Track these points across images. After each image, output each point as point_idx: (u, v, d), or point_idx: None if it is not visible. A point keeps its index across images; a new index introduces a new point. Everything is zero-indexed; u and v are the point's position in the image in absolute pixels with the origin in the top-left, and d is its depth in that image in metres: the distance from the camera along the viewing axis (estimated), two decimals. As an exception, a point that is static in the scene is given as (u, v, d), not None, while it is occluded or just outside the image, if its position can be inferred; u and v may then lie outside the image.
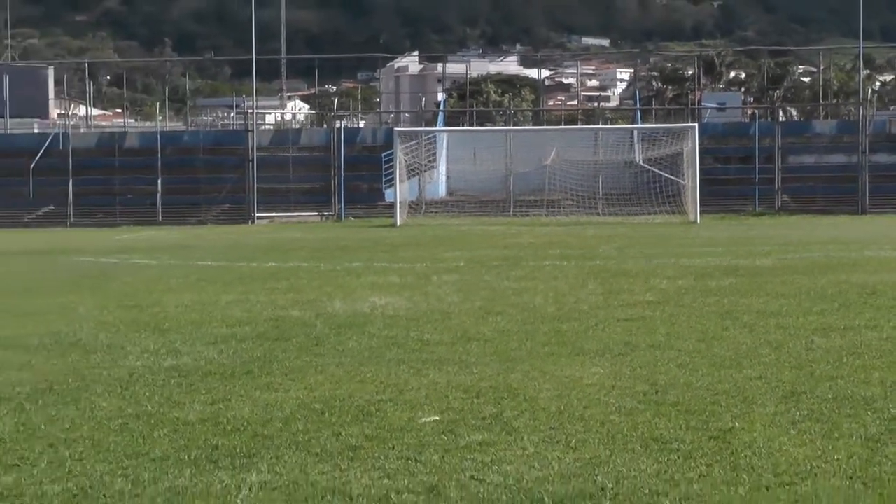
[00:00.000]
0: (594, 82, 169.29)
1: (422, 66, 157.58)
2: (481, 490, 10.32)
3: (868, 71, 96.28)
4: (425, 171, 73.31)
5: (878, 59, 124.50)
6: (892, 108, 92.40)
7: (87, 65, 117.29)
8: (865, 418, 12.84)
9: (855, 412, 13.14)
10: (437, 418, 13.31)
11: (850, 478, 10.48)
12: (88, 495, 10.45)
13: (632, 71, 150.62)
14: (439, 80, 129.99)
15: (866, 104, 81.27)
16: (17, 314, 24.05)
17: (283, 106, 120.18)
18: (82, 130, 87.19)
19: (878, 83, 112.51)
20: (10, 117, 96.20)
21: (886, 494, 9.95)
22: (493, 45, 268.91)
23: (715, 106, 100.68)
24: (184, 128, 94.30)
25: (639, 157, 71.49)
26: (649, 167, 69.44)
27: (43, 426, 13.26)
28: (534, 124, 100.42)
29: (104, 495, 10.44)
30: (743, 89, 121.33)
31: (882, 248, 38.24)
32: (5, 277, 33.85)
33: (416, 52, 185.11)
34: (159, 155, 73.59)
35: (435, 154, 75.87)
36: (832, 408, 13.39)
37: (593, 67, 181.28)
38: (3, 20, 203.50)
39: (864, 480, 10.37)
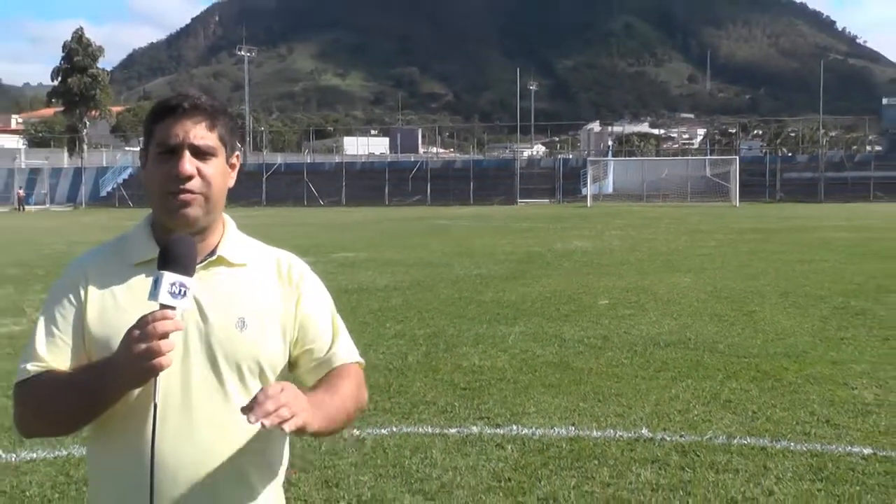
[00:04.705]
0: (686, 135, 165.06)
1: (601, 128, 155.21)
2: (629, 338, 10.33)
3: (824, 130, 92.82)
4: (602, 179, 72.77)
5: (829, 125, 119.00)
6: (835, 149, 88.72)
7: (437, 127, 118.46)
8: (821, 306, 12.55)
9: (815, 303, 12.83)
10: (607, 302, 13.27)
11: (812, 336, 10.36)
12: (437, 333, 10.67)
13: (706, 130, 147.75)
14: (609, 135, 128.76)
15: (823, 148, 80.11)
16: (401, 247, 24.51)
17: (532, 147, 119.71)
18: (434, 159, 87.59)
19: (829, 136, 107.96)
20: (400, 153, 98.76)
21: (831, 344, 9.83)
22: (636, 117, 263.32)
23: (746, 147, 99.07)
24: (482, 157, 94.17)
25: (709, 173, 70.13)
26: (714, 178, 68.08)
27: (414, 302, 13.55)
28: (655, 157, 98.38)
29: (444, 333, 10.68)
30: (760, 140, 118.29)
31: (831, 220, 36.80)
32: (397, 230, 34.44)
33: (598, 121, 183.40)
34: (471, 171, 73.72)
35: (607, 170, 75.35)
36: (804, 301, 13.08)
37: (685, 128, 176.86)
38: (396, 107, 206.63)
39: (820, 338, 10.27)
